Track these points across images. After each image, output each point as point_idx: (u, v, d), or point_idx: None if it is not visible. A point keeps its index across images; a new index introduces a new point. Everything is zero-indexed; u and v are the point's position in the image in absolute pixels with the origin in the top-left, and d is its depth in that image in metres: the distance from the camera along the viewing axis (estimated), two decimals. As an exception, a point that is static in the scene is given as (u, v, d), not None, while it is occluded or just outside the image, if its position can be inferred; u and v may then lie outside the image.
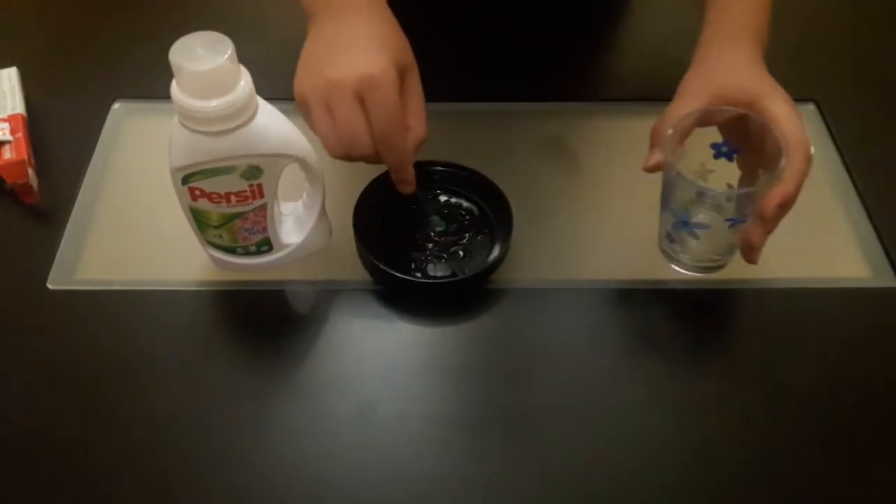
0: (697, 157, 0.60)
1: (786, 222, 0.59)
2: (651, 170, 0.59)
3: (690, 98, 0.61)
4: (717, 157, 0.62)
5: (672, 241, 0.64)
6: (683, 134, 0.60)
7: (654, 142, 0.60)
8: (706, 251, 0.64)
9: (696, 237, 0.62)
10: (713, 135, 0.62)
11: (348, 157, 0.60)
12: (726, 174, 0.61)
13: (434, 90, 0.65)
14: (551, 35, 0.82)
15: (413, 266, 0.65)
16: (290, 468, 0.56)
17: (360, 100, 0.57)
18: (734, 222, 0.59)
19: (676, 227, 0.62)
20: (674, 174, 0.58)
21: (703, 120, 0.60)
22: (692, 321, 0.66)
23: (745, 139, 0.61)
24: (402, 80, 0.59)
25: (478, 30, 0.84)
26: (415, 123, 0.61)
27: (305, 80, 0.59)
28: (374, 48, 0.58)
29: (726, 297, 0.66)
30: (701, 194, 0.58)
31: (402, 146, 0.60)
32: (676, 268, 0.66)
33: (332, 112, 0.58)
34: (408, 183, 0.64)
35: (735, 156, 0.62)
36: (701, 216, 0.61)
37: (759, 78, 0.61)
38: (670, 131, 0.58)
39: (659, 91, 0.80)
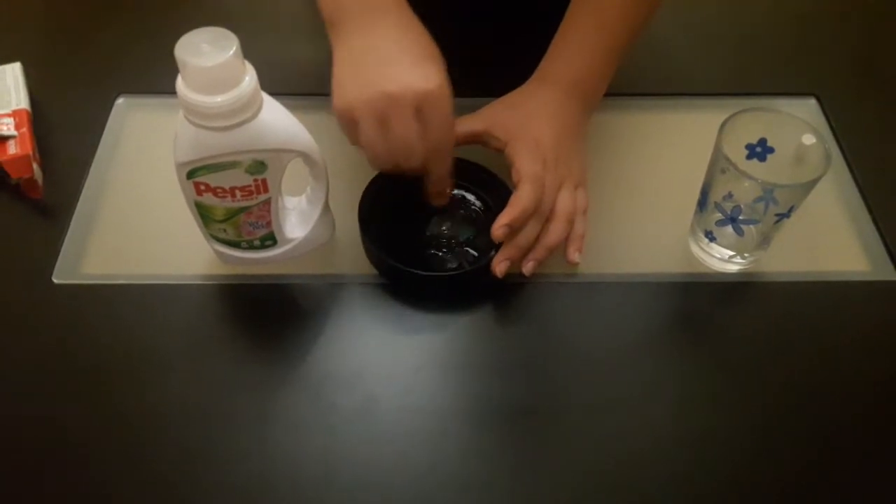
0: (729, 158, 0.59)
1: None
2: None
3: (477, 118, 0.67)
4: (749, 157, 0.63)
5: (712, 238, 0.65)
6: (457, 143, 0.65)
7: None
8: (744, 246, 0.64)
9: (742, 233, 0.63)
10: (747, 135, 0.62)
11: (396, 169, 0.61)
12: (756, 174, 0.58)
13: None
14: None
15: (418, 259, 0.65)
16: (294, 461, 0.56)
17: (418, 114, 0.57)
18: (780, 217, 0.60)
19: (721, 224, 0.63)
20: (737, 173, 0.58)
21: (475, 141, 0.66)
22: (690, 315, 0.66)
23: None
24: None
25: (484, 25, 0.84)
26: None
27: (352, 93, 0.58)
28: (427, 62, 0.58)
29: (725, 290, 0.67)
30: (768, 191, 0.58)
31: (450, 160, 0.62)
32: (709, 264, 0.67)
33: (385, 125, 0.57)
34: (445, 195, 0.66)
35: (768, 156, 0.63)
36: (748, 212, 0.61)
37: (532, 124, 0.65)
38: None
39: (664, 86, 0.81)
